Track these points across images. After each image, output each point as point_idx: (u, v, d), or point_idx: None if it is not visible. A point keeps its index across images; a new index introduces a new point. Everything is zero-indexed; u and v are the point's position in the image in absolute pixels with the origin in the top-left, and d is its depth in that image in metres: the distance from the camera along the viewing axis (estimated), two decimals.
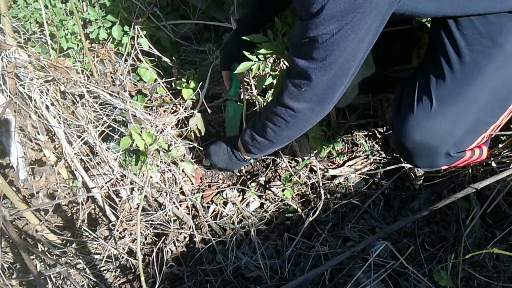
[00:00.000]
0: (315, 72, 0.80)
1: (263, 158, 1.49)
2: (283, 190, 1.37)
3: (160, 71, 1.64)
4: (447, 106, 0.83)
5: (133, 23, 1.53)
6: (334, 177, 1.40)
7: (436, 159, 0.90)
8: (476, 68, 0.81)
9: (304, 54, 0.80)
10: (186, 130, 1.38)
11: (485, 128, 0.89)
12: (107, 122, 1.31)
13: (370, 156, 1.42)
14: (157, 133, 1.29)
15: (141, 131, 1.23)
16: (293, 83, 0.86)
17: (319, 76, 0.81)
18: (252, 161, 1.35)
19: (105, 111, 1.33)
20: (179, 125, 1.42)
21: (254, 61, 1.07)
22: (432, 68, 0.87)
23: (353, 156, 1.44)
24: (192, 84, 1.48)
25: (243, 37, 1.06)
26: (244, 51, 1.08)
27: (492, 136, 1.02)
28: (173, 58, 1.62)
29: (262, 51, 1.06)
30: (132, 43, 1.56)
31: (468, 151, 0.92)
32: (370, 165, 1.41)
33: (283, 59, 1.20)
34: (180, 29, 1.60)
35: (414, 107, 0.87)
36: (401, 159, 1.33)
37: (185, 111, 1.36)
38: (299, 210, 1.34)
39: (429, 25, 1.34)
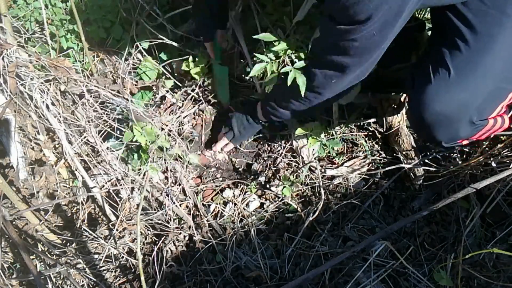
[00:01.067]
0: (350, 67, 0.85)
1: (264, 158, 1.49)
2: (282, 189, 1.37)
3: (160, 71, 1.64)
4: (465, 74, 0.83)
5: (133, 23, 1.53)
6: (334, 177, 1.40)
7: (458, 128, 0.89)
8: (489, 37, 0.81)
9: (341, 51, 0.83)
10: (185, 130, 1.38)
11: (504, 96, 0.88)
12: (107, 122, 1.31)
13: (370, 156, 1.42)
14: (159, 131, 1.29)
15: (142, 128, 1.23)
16: (324, 74, 0.91)
17: (352, 70, 0.86)
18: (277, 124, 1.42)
19: (105, 110, 1.33)
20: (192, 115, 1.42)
21: (267, 62, 1.07)
22: (444, 43, 0.87)
23: (353, 156, 1.44)
24: (200, 61, 1.48)
25: (254, 37, 1.10)
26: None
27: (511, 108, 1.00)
28: (175, 56, 1.62)
29: (276, 48, 1.07)
30: (132, 42, 1.56)
31: (491, 119, 0.91)
32: (370, 165, 1.41)
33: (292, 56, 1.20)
34: (179, 28, 1.60)
35: (431, 78, 0.86)
36: (418, 136, 1.30)
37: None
38: (299, 209, 1.34)
39: (427, 24, 1.34)
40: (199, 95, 1.52)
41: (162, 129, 1.34)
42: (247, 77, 1.56)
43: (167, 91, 1.56)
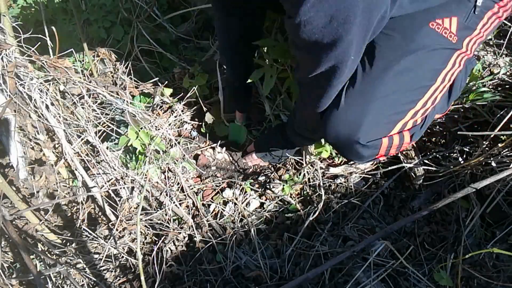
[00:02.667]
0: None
1: None
2: (282, 187, 1.37)
3: (160, 71, 1.64)
4: (352, 101, 0.86)
5: (133, 23, 1.53)
6: (334, 176, 1.40)
7: (355, 150, 0.92)
8: (386, 61, 0.83)
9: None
10: (185, 128, 1.38)
11: (402, 115, 0.89)
12: (106, 122, 1.31)
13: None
14: (155, 133, 1.29)
15: (138, 131, 1.23)
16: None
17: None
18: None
19: (104, 110, 1.33)
20: (178, 124, 1.42)
21: (265, 67, 1.08)
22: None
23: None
24: (199, 80, 1.48)
25: (254, 43, 1.09)
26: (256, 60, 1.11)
27: (432, 121, 1.02)
28: (174, 56, 1.62)
29: (273, 55, 1.07)
30: (132, 42, 1.56)
31: (385, 138, 0.92)
32: (370, 165, 1.41)
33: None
34: (179, 28, 1.60)
35: (333, 104, 0.90)
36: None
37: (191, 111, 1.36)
38: (299, 209, 1.34)
39: None
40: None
41: (159, 129, 1.34)
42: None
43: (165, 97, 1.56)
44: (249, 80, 1.13)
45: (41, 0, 1.42)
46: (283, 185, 1.37)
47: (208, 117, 1.51)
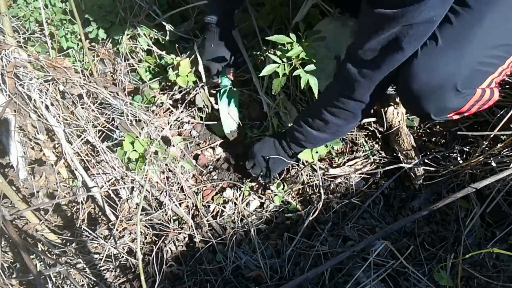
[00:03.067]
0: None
1: None
2: (273, 196, 1.36)
3: (160, 71, 1.64)
4: (452, 44, 0.83)
5: (133, 23, 1.53)
6: (334, 177, 1.40)
7: (446, 98, 0.88)
8: (480, 13, 0.82)
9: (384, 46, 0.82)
10: (185, 130, 1.38)
11: (493, 69, 0.89)
12: (105, 122, 1.31)
13: (370, 156, 1.42)
14: (155, 134, 1.29)
15: (135, 140, 1.22)
16: (363, 74, 0.90)
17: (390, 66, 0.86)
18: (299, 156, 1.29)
19: (104, 111, 1.33)
20: (177, 125, 1.42)
21: (278, 64, 1.07)
22: None
23: (353, 156, 1.44)
24: (183, 69, 1.45)
25: (268, 38, 1.06)
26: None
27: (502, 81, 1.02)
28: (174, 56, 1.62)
29: (290, 53, 1.06)
30: (132, 42, 1.56)
31: (479, 90, 0.91)
32: (370, 165, 1.41)
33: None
34: (179, 28, 1.60)
35: (418, 49, 0.86)
36: (408, 111, 1.28)
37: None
38: (299, 209, 1.34)
39: None
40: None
41: (158, 129, 1.34)
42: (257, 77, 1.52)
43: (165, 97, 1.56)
44: (261, 74, 1.10)
45: (41, 0, 1.41)
46: (275, 195, 1.36)
47: (198, 100, 1.46)
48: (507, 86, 1.28)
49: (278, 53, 1.09)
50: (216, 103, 1.47)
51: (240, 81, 1.53)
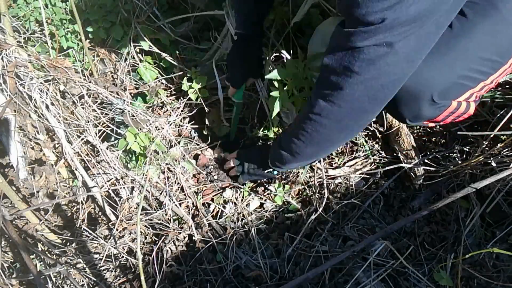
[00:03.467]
0: (352, 87, 0.75)
1: None
2: (274, 197, 1.37)
3: (160, 71, 1.64)
4: (436, 53, 0.80)
5: (132, 23, 1.53)
6: (334, 177, 1.40)
7: (421, 106, 0.88)
8: (470, 24, 0.82)
9: (341, 65, 0.75)
10: (186, 128, 1.38)
11: (474, 83, 0.88)
12: (106, 122, 1.31)
13: (370, 156, 1.42)
14: (156, 133, 1.29)
15: (138, 133, 1.23)
16: (323, 95, 0.82)
17: (354, 92, 0.76)
18: (275, 173, 1.29)
19: (104, 110, 1.33)
20: (179, 124, 1.42)
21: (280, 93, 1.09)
22: None
23: (353, 156, 1.44)
24: (197, 83, 1.47)
25: (267, 76, 1.08)
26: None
27: (481, 99, 1.01)
28: (174, 57, 1.62)
29: (288, 87, 1.08)
30: (132, 42, 1.56)
31: (454, 102, 0.91)
32: (370, 165, 1.41)
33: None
34: (179, 28, 1.60)
35: None
36: (386, 111, 1.23)
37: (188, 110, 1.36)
38: (299, 209, 1.34)
39: None
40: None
41: (159, 129, 1.34)
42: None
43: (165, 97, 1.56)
44: (267, 76, 1.11)
45: (41, 0, 1.41)
46: (275, 195, 1.36)
47: (209, 120, 1.51)
48: (507, 86, 1.28)
49: (276, 84, 1.12)
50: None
51: None
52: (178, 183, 1.35)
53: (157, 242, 1.30)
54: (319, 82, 0.85)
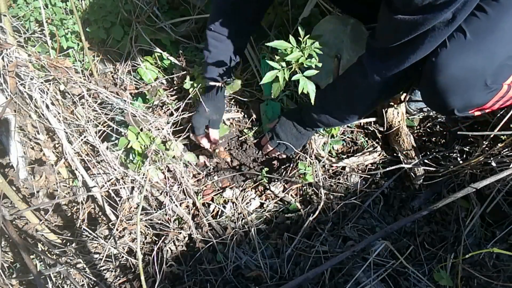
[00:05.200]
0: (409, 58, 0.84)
1: (267, 157, 1.49)
2: (304, 175, 1.36)
3: (160, 71, 1.64)
4: (481, 37, 0.81)
5: (133, 23, 1.53)
6: (334, 176, 1.40)
7: (473, 93, 0.87)
8: (504, 8, 0.80)
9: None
10: (184, 127, 1.38)
11: None
12: (106, 122, 1.31)
13: (373, 152, 1.42)
14: (156, 133, 1.29)
15: (139, 133, 1.23)
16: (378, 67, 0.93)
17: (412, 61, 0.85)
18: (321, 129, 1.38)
19: (104, 110, 1.33)
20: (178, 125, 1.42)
21: (278, 69, 1.07)
22: None
23: (353, 156, 1.44)
24: (198, 83, 1.46)
25: (268, 44, 1.07)
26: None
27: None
28: (174, 57, 1.62)
29: (289, 57, 1.06)
30: (132, 42, 1.56)
31: (505, 85, 0.89)
32: (370, 165, 1.41)
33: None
34: (179, 28, 1.60)
35: (446, 41, 0.84)
36: (430, 106, 1.23)
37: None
38: (299, 209, 1.34)
39: None
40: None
41: (159, 129, 1.34)
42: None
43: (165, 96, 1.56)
44: (262, 82, 1.12)
45: (41, 0, 1.41)
46: (305, 172, 1.35)
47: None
48: None
49: (277, 57, 1.09)
50: None
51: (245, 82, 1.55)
52: (178, 183, 1.35)
53: (157, 242, 1.30)
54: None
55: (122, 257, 1.30)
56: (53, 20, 1.53)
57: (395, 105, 1.37)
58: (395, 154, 1.40)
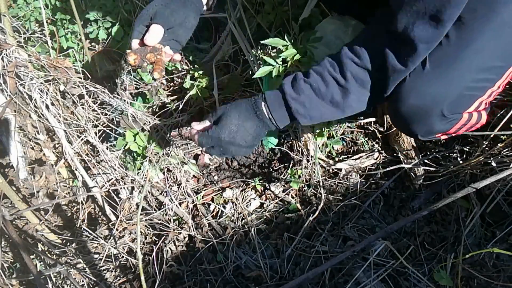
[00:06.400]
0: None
1: (267, 157, 1.49)
2: (289, 181, 1.36)
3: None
4: (441, 67, 0.82)
5: (133, 23, 1.53)
6: (334, 176, 1.40)
7: (431, 122, 0.88)
8: (472, 33, 0.80)
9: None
10: (186, 128, 1.37)
11: (481, 92, 0.88)
12: (106, 122, 1.31)
13: (370, 156, 1.42)
14: (155, 134, 1.29)
15: (138, 133, 1.23)
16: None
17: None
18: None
19: (104, 111, 1.33)
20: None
21: (273, 66, 1.06)
22: None
23: (353, 156, 1.44)
24: (201, 82, 1.45)
25: (263, 42, 1.00)
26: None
27: (493, 103, 1.00)
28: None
29: (284, 54, 1.05)
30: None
31: (465, 114, 0.91)
32: (370, 165, 1.41)
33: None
34: None
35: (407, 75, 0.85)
36: (396, 129, 1.25)
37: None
38: (299, 209, 1.34)
39: None
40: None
41: (158, 130, 1.34)
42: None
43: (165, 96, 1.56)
44: (255, 76, 1.08)
45: (41, 0, 1.41)
46: (290, 180, 1.35)
47: None
48: (507, 86, 1.28)
49: (273, 54, 1.09)
50: None
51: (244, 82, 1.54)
52: (178, 183, 1.35)
53: (157, 242, 1.30)
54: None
55: (122, 257, 1.30)
56: (53, 20, 1.53)
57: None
58: (395, 154, 1.40)
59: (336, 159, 1.44)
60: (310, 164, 1.36)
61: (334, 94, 0.87)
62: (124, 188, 1.31)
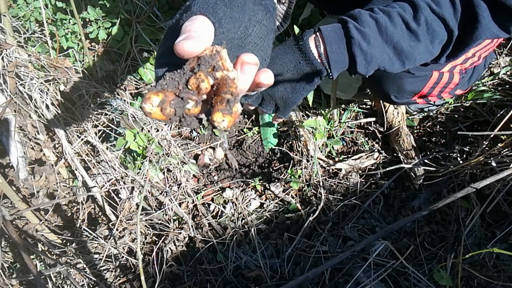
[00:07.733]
0: None
1: (267, 157, 1.49)
2: (290, 181, 1.36)
3: None
4: None
5: (133, 23, 1.53)
6: (334, 176, 1.40)
7: (401, 80, 0.89)
8: None
9: None
10: (186, 129, 1.37)
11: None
12: (106, 122, 1.31)
13: (370, 156, 1.42)
14: (154, 134, 1.29)
15: (138, 133, 1.23)
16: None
17: None
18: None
19: (104, 111, 1.33)
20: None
21: None
22: None
23: (353, 156, 1.44)
24: None
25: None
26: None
27: (471, 76, 1.00)
28: None
29: None
30: (132, 42, 1.56)
31: (435, 72, 0.90)
32: (370, 165, 1.41)
33: None
34: None
35: None
36: (373, 95, 1.24)
37: None
38: (299, 209, 1.34)
39: None
40: None
41: (158, 130, 1.34)
42: None
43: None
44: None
45: (41, 0, 1.41)
46: (290, 180, 1.35)
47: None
48: (507, 86, 1.28)
49: None
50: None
51: None
52: (178, 183, 1.35)
53: (157, 242, 1.30)
54: None
55: (122, 257, 1.30)
56: (53, 20, 1.53)
57: (395, 105, 1.37)
58: (395, 154, 1.40)
59: (336, 159, 1.44)
60: (310, 164, 1.36)
61: (400, 39, 0.68)
62: (124, 188, 1.31)
